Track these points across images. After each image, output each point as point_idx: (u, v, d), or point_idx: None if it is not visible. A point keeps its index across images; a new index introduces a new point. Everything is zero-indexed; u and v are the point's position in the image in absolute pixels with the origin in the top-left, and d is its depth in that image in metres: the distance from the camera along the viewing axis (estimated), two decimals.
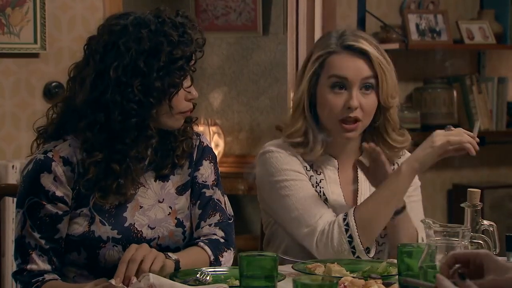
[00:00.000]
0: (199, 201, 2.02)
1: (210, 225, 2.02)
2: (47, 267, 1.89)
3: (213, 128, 4.95)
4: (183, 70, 1.87)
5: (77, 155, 1.89)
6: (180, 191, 2.00)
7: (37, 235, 1.87)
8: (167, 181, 1.99)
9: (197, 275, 1.81)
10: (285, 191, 2.13)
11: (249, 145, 5.07)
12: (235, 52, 5.14)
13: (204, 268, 1.87)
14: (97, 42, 1.88)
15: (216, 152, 2.13)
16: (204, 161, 2.04)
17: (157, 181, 1.98)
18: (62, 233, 1.89)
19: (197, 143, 2.04)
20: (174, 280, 1.75)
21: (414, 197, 2.25)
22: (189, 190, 2.02)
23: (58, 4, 3.57)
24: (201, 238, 2.00)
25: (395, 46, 4.03)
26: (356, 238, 2.04)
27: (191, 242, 2.01)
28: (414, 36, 4.14)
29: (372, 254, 2.08)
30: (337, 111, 2.11)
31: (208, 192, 2.03)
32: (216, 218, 2.02)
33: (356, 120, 2.11)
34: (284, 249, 2.18)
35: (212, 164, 2.05)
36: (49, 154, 1.88)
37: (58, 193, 1.87)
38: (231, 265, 1.99)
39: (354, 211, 2.06)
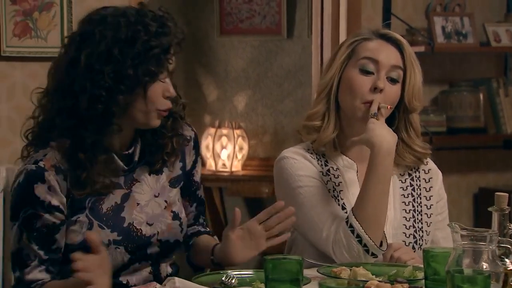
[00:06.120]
0: (195, 203, 2.10)
1: (202, 223, 2.13)
2: (46, 276, 1.85)
3: (237, 131, 4.96)
4: (159, 60, 1.83)
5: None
6: (173, 183, 2.02)
7: (34, 246, 1.83)
8: (161, 174, 2.00)
9: (223, 278, 1.82)
10: (300, 199, 2.13)
11: (273, 148, 5.07)
12: (259, 55, 5.14)
13: (229, 271, 1.88)
14: (74, 32, 1.89)
15: (240, 156, 2.16)
16: (198, 157, 2.08)
17: (151, 174, 1.98)
18: (59, 243, 1.86)
19: (193, 135, 2.06)
20: (200, 283, 1.75)
21: (443, 214, 2.27)
22: (182, 183, 2.04)
23: (86, 8, 3.56)
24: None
25: (420, 49, 4.00)
26: (363, 235, 2.03)
27: (197, 233, 2.10)
28: (440, 39, 4.12)
29: (385, 247, 2.07)
30: (363, 93, 2.12)
31: (199, 193, 2.11)
32: (203, 215, 2.13)
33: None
34: (306, 256, 2.18)
35: (200, 159, 2.11)
36: (41, 164, 1.83)
37: (54, 202, 1.84)
38: (256, 268, 2.00)
39: (353, 211, 2.06)
